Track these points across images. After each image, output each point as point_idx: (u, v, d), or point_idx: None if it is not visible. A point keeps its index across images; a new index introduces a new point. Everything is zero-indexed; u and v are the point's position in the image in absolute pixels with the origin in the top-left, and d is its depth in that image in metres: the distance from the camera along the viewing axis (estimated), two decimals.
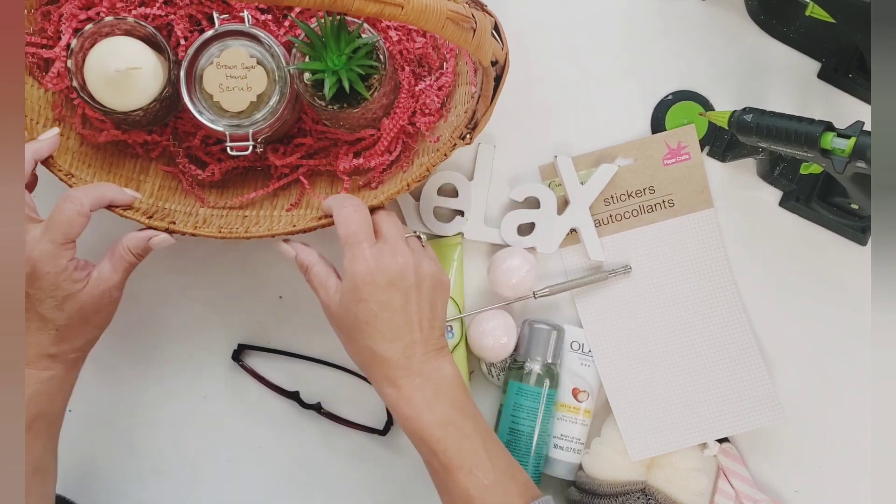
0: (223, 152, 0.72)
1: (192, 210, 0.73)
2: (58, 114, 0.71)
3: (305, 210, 0.72)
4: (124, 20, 0.68)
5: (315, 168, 0.73)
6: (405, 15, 0.43)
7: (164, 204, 0.73)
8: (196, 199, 0.73)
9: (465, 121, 0.65)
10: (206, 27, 0.71)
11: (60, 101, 0.71)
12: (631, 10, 0.79)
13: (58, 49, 0.69)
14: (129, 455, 0.80)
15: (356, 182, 0.72)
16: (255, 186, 0.73)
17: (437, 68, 0.71)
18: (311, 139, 0.73)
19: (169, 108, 0.71)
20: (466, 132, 0.66)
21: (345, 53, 0.64)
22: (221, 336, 0.79)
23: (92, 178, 0.71)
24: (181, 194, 0.74)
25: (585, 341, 0.77)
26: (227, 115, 0.68)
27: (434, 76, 0.71)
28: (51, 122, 0.70)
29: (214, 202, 0.73)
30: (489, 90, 0.60)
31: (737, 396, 0.77)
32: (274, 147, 0.73)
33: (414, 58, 0.71)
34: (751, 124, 0.67)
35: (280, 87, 0.68)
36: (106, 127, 0.72)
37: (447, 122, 0.70)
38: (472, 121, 0.65)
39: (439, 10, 0.46)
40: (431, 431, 0.62)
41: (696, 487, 0.76)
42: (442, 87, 0.70)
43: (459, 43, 0.49)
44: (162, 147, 0.74)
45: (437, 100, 0.70)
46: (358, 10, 0.41)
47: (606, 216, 0.78)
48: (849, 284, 0.78)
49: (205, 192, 0.74)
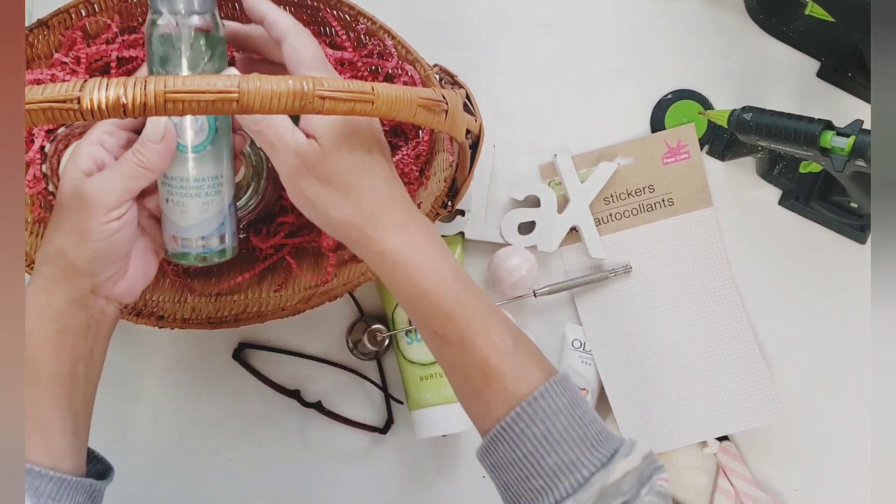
0: None
1: (181, 298, 0.72)
2: (37, 216, 0.68)
3: (293, 291, 0.71)
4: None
5: (300, 245, 0.73)
6: (376, 109, 0.43)
7: (151, 296, 0.71)
8: (183, 287, 0.72)
9: (445, 189, 0.64)
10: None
11: (39, 203, 0.68)
12: (630, 9, 0.79)
13: (31, 153, 0.66)
14: (129, 454, 0.80)
15: (341, 257, 0.71)
16: (241, 269, 0.72)
17: (412, 137, 0.70)
18: (293, 217, 0.72)
19: None
20: (447, 201, 0.65)
21: None
22: (222, 334, 0.79)
23: None
24: (168, 284, 0.73)
25: (585, 340, 0.78)
26: None
27: (410, 144, 0.69)
28: (30, 225, 0.68)
29: (202, 289, 0.72)
30: (466, 160, 0.60)
31: (736, 394, 0.77)
32: (256, 229, 0.72)
33: (389, 129, 0.70)
34: (750, 123, 0.67)
35: (257, 172, 0.67)
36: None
37: (427, 190, 0.69)
38: (452, 189, 0.65)
39: (410, 100, 0.45)
40: (450, 287, 0.53)
41: (695, 485, 0.76)
42: (419, 156, 0.68)
43: (433, 126, 0.48)
44: None
45: (416, 168, 0.68)
46: (329, 111, 0.41)
47: (606, 215, 0.78)
48: (848, 283, 0.78)
49: (191, 279, 0.73)
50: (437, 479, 0.80)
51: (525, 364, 0.53)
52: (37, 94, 0.35)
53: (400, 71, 0.66)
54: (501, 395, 0.52)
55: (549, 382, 0.51)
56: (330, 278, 0.69)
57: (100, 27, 0.68)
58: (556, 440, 0.50)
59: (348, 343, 0.79)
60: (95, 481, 0.56)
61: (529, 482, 0.50)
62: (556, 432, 0.50)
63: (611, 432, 0.52)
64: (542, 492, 0.49)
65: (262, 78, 0.38)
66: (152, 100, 0.36)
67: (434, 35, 0.78)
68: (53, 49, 0.67)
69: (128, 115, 0.36)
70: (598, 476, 0.48)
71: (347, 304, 0.78)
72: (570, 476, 0.49)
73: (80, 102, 0.35)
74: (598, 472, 0.48)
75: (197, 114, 0.37)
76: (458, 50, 0.78)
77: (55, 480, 0.52)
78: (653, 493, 0.49)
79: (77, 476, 0.54)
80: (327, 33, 0.69)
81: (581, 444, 0.50)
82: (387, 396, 0.79)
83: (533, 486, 0.50)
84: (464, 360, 0.53)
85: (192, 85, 0.36)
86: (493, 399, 0.52)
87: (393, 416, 0.79)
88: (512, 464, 0.51)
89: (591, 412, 0.52)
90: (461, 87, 0.60)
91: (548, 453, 0.49)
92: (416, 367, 0.75)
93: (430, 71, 0.63)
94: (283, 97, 0.39)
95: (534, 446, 0.50)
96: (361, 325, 0.78)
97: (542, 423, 0.50)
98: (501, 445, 0.51)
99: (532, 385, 0.51)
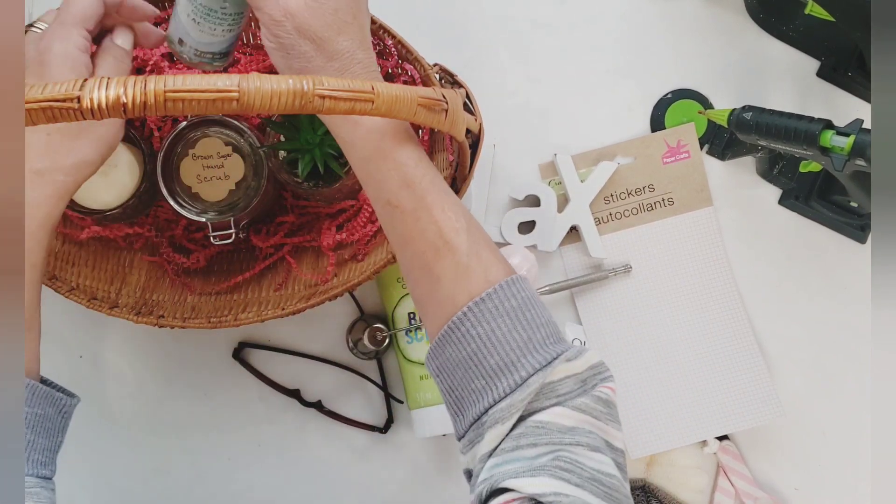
0: (207, 238, 0.71)
1: (180, 298, 0.72)
2: None
3: (293, 290, 0.72)
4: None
5: (299, 245, 0.73)
6: (376, 109, 0.43)
7: (151, 296, 0.72)
8: (183, 287, 0.73)
9: None
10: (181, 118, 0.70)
11: None
12: (630, 8, 0.79)
13: None
14: (129, 453, 0.80)
15: (341, 256, 0.71)
16: (241, 268, 0.73)
17: None
18: (293, 216, 0.73)
19: (148, 201, 0.71)
20: None
21: (318, 133, 0.65)
22: (222, 334, 0.79)
23: (76, 277, 0.70)
24: (167, 283, 0.73)
25: (585, 339, 0.78)
26: (207, 205, 0.68)
27: None
28: None
29: (202, 288, 0.72)
30: (466, 160, 0.60)
31: (736, 394, 0.77)
32: (256, 228, 0.73)
33: None
34: (750, 122, 0.67)
35: (257, 171, 0.68)
36: (87, 224, 0.70)
37: None
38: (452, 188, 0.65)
39: (410, 99, 0.45)
40: (410, 155, 0.52)
41: (695, 485, 0.76)
42: None
43: (433, 125, 0.48)
44: (144, 239, 0.73)
45: None
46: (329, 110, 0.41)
47: (606, 214, 0.78)
48: (848, 282, 0.78)
49: (191, 278, 0.73)
50: (437, 479, 0.80)
51: (478, 243, 0.51)
52: (37, 93, 0.35)
53: (400, 70, 0.66)
54: (452, 272, 0.51)
55: (501, 283, 0.50)
56: (330, 277, 0.69)
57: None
58: (498, 341, 0.49)
59: (348, 343, 0.79)
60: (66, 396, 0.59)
61: (471, 383, 0.50)
62: (500, 333, 0.49)
63: (562, 339, 0.51)
64: (482, 392, 0.49)
65: (261, 77, 0.38)
66: (152, 99, 0.36)
67: (434, 35, 0.78)
68: None
69: (128, 114, 0.36)
70: (536, 377, 0.48)
71: (347, 303, 0.78)
72: (510, 376, 0.48)
73: (80, 102, 0.35)
74: (537, 374, 0.48)
75: (197, 113, 0.37)
76: (459, 50, 0.78)
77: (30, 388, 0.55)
78: (588, 396, 0.48)
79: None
80: None
81: (525, 346, 0.49)
82: (387, 396, 0.79)
83: (474, 387, 0.50)
84: (416, 231, 0.51)
85: (192, 84, 0.37)
86: (443, 274, 0.51)
87: (393, 415, 0.79)
88: (456, 365, 0.50)
89: (542, 317, 0.51)
90: (461, 86, 0.60)
91: (490, 354, 0.49)
92: (416, 366, 0.75)
93: (430, 70, 0.63)
94: (283, 96, 0.39)
95: (477, 346, 0.49)
96: (361, 324, 0.78)
97: (486, 323, 0.49)
98: (448, 347, 0.51)
99: (483, 283, 0.50)
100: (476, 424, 0.49)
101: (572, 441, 0.47)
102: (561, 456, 0.46)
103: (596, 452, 0.47)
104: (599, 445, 0.48)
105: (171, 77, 0.36)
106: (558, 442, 0.47)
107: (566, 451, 0.47)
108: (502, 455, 0.47)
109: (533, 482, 0.45)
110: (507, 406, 0.47)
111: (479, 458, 0.49)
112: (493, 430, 0.48)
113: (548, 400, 0.48)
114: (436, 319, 0.52)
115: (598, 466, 0.47)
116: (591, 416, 0.48)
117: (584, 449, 0.47)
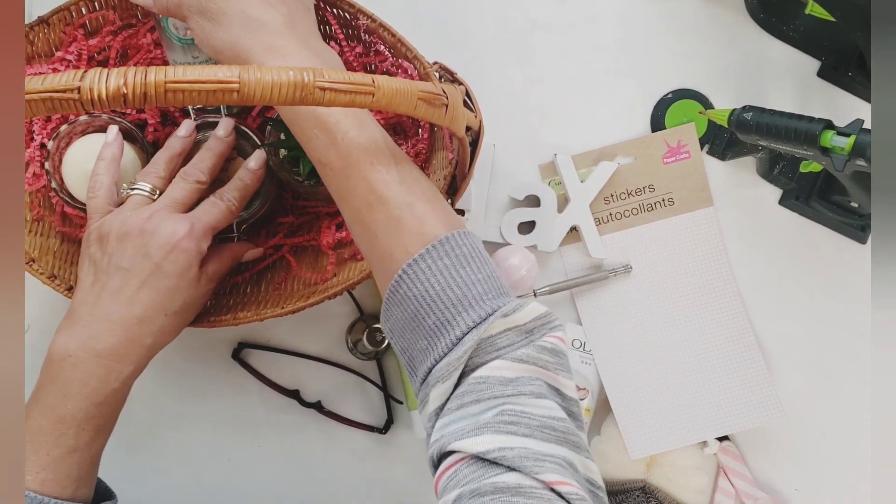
0: None
1: None
2: (36, 214, 0.69)
3: (293, 289, 0.71)
4: (98, 117, 0.67)
5: (299, 244, 0.73)
6: (377, 101, 0.43)
7: None
8: None
9: (445, 186, 0.64)
10: (179, 119, 0.70)
11: (38, 202, 0.69)
12: (630, 8, 0.79)
13: (31, 150, 0.67)
14: (129, 453, 0.80)
15: (341, 255, 0.71)
16: (240, 268, 0.73)
17: (412, 135, 0.70)
18: (293, 216, 0.73)
19: None
20: (447, 199, 0.65)
21: None
22: (222, 334, 0.79)
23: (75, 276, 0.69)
24: None
25: (585, 340, 0.77)
26: None
27: (410, 143, 0.70)
28: (29, 223, 0.68)
29: None
30: (466, 157, 0.60)
31: (737, 394, 0.77)
32: (256, 229, 0.73)
33: (388, 126, 0.70)
34: (750, 122, 0.67)
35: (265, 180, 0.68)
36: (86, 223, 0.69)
37: None
38: (452, 187, 0.65)
39: (410, 93, 0.45)
40: (345, 114, 0.53)
41: (695, 485, 0.76)
42: (419, 154, 0.69)
43: (433, 120, 0.49)
44: None
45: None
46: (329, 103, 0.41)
47: (606, 214, 0.78)
48: (848, 282, 0.78)
49: None
50: None
51: (411, 204, 0.51)
52: (37, 84, 0.35)
53: (399, 70, 0.66)
54: (384, 225, 0.51)
55: (436, 241, 0.50)
56: (330, 276, 0.69)
57: (99, 24, 0.68)
58: (433, 301, 0.49)
59: (348, 343, 0.78)
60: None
61: (417, 343, 0.50)
62: (434, 293, 0.49)
63: (503, 293, 0.51)
64: (427, 352, 0.50)
65: (262, 69, 0.39)
66: (153, 89, 0.36)
67: (434, 34, 0.78)
68: (53, 47, 0.67)
69: (128, 104, 0.36)
70: (471, 334, 0.48)
71: (347, 303, 0.78)
72: (447, 335, 0.49)
73: (81, 92, 0.35)
74: (472, 331, 0.48)
75: (197, 104, 0.37)
76: (459, 50, 0.78)
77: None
78: (531, 346, 0.48)
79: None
80: (327, 32, 0.69)
81: (459, 303, 0.49)
82: (387, 396, 0.79)
83: (420, 346, 0.50)
84: (346, 189, 0.52)
85: (192, 75, 0.37)
86: (378, 228, 0.51)
87: (393, 416, 0.79)
88: (403, 327, 0.51)
89: (480, 272, 0.50)
90: (461, 83, 0.60)
91: (428, 314, 0.49)
92: None
93: (430, 68, 0.63)
94: (284, 88, 0.39)
95: (416, 307, 0.50)
96: (361, 324, 0.78)
97: (421, 284, 0.50)
98: (393, 308, 0.51)
99: (416, 235, 0.51)
100: (424, 385, 0.50)
101: (515, 392, 0.47)
102: (506, 409, 0.47)
103: (542, 399, 0.48)
104: (544, 392, 0.48)
105: (171, 68, 0.36)
106: (500, 395, 0.47)
107: (510, 402, 0.47)
108: (449, 415, 0.48)
109: (477, 441, 0.45)
110: (446, 365, 0.48)
111: (427, 418, 0.50)
112: (435, 388, 0.48)
113: (487, 355, 0.48)
114: (381, 277, 0.53)
115: (547, 413, 0.47)
116: (535, 365, 0.48)
117: (528, 398, 0.47)
